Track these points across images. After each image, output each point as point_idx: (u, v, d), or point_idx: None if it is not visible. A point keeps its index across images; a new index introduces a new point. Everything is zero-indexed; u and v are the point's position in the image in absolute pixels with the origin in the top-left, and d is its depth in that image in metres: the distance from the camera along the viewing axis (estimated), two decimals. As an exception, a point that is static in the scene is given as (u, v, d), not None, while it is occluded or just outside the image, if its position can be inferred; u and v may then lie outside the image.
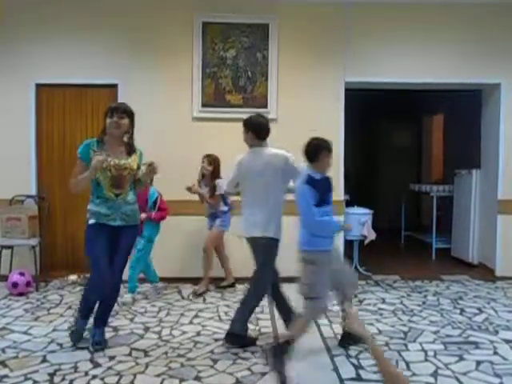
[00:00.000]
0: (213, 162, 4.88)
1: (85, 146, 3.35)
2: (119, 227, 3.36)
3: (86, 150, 3.33)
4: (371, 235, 5.63)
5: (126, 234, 3.41)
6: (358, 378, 3.04)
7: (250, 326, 3.88)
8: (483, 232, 5.92)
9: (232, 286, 5.10)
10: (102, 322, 3.49)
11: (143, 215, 4.34)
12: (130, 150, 3.42)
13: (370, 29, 5.37)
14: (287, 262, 3.52)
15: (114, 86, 5.29)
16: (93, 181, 3.32)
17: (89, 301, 3.47)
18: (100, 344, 3.41)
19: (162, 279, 5.12)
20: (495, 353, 3.43)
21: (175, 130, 5.27)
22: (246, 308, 3.55)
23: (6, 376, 3.01)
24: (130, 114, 3.40)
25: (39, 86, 5.31)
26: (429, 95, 7.43)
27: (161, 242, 5.20)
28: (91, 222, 3.34)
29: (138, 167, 3.46)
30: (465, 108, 6.85)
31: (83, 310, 3.50)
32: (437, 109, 8.31)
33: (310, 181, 3.11)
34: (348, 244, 5.64)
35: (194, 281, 5.13)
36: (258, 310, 4.27)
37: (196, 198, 4.93)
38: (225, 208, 4.91)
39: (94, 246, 3.33)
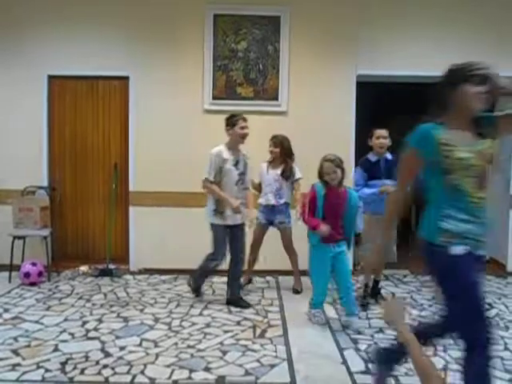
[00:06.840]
0: (279, 143, 4.55)
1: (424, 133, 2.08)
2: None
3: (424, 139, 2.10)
4: (382, 229, 5.59)
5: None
6: (367, 371, 3.04)
7: (258, 318, 3.91)
8: (495, 227, 5.86)
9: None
10: None
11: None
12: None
13: (383, 21, 5.29)
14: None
15: (126, 78, 5.30)
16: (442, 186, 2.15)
17: None
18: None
19: (173, 271, 5.17)
20: (506, 348, 3.41)
21: (186, 122, 5.27)
22: None
23: (18, 364, 3.06)
24: None
25: (51, 78, 5.32)
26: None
27: (172, 234, 5.25)
28: (457, 251, 2.08)
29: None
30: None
31: None
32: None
33: None
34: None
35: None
36: (267, 302, 4.30)
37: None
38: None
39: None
